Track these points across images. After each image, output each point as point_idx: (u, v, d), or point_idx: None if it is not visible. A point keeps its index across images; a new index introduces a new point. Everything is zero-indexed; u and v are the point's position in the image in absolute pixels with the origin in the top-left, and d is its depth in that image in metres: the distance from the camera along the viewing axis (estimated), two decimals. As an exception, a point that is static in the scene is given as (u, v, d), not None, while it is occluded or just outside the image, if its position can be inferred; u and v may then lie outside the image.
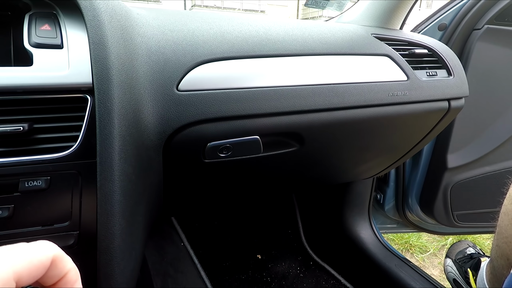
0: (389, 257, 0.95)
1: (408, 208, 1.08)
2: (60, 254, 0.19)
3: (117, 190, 0.36)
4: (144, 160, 0.42)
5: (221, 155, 0.50)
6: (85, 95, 0.37)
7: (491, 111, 0.96)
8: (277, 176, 0.69)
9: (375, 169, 0.86)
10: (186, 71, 0.45)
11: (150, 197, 0.48)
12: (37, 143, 0.35)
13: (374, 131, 0.64)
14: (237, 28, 0.53)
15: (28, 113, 0.35)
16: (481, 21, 0.89)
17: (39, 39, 0.37)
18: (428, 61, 0.67)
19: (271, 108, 0.49)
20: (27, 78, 0.35)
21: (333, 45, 0.58)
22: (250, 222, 1.16)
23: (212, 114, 0.46)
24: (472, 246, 1.02)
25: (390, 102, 0.60)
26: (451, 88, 0.66)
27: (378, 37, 0.65)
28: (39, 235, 0.36)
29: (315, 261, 1.08)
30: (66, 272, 0.20)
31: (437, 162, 0.98)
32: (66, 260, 0.20)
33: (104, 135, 0.36)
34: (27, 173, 0.34)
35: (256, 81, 0.49)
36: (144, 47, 0.44)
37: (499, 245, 0.59)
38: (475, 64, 0.90)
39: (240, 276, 1.00)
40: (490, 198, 1.00)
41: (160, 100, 0.43)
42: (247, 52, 0.50)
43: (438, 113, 0.68)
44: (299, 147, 0.58)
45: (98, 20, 0.38)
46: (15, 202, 0.34)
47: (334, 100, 0.54)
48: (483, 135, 0.97)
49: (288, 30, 0.57)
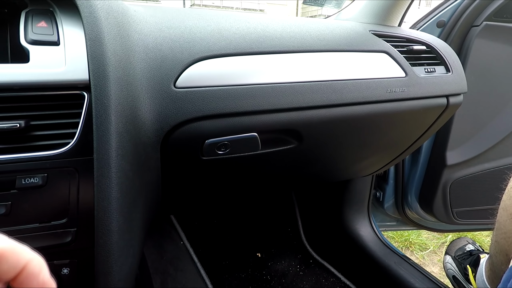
0: (388, 254, 0.95)
1: (408, 206, 1.08)
2: (9, 246, 0.18)
3: (114, 187, 0.36)
4: (142, 157, 0.42)
5: (219, 152, 0.50)
6: (82, 91, 0.37)
7: (490, 108, 0.96)
8: (275, 173, 0.69)
9: (374, 166, 0.86)
10: (183, 68, 0.45)
11: (148, 194, 0.47)
12: (34, 140, 0.35)
13: (372, 128, 0.64)
14: (235, 25, 0.53)
15: (25, 110, 0.35)
16: (480, 18, 0.89)
17: (36, 36, 0.37)
18: (426, 57, 0.67)
19: (269, 105, 0.49)
20: (23, 75, 0.35)
21: (331, 41, 0.58)
22: (250, 220, 1.16)
23: (209, 111, 0.46)
24: (472, 243, 1.02)
25: (388, 99, 0.59)
26: (450, 84, 0.66)
27: (376, 34, 0.65)
28: (37, 232, 0.36)
29: (315, 259, 1.08)
30: (25, 265, 0.18)
31: (436, 159, 0.98)
32: (18, 251, 0.18)
33: (101, 132, 0.36)
34: (24, 170, 0.34)
35: (254, 78, 0.49)
36: (141, 44, 0.44)
37: (498, 241, 0.59)
38: (474, 60, 0.90)
39: (240, 274, 1.00)
40: (489, 195, 1.00)
41: (157, 97, 0.43)
42: (245, 49, 0.50)
43: (437, 109, 0.68)
44: (297, 144, 0.58)
45: (94, 17, 0.38)
46: (12, 199, 0.34)
47: (332, 97, 0.54)
48: (482, 132, 0.97)
49: (286, 27, 0.57)
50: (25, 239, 0.35)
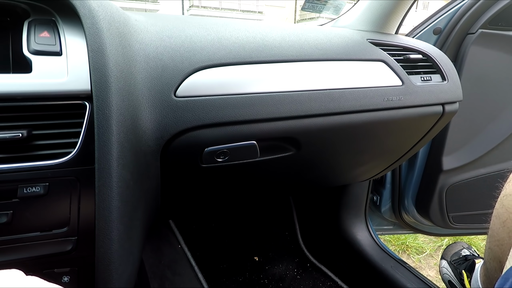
0: (385, 258, 0.96)
1: (404, 210, 1.09)
2: None
3: (115, 196, 0.37)
4: (142, 165, 0.43)
5: (218, 160, 0.51)
6: (84, 102, 0.37)
7: (485, 114, 0.97)
8: (274, 179, 0.69)
9: (372, 172, 0.87)
10: (183, 77, 0.46)
11: (147, 202, 0.48)
12: (36, 150, 0.36)
13: (369, 136, 0.65)
14: (234, 34, 0.53)
15: (27, 120, 0.35)
16: (475, 26, 0.90)
17: (38, 46, 0.37)
18: (422, 66, 0.68)
19: (268, 114, 0.50)
20: (26, 85, 0.35)
21: (329, 50, 0.59)
22: (247, 224, 1.17)
23: (209, 120, 0.46)
24: (467, 248, 1.03)
25: (385, 107, 0.60)
26: (445, 92, 0.67)
27: (374, 43, 0.66)
28: (38, 240, 0.36)
29: (312, 263, 1.08)
30: None
31: (433, 165, 0.99)
32: None
33: (103, 142, 0.36)
34: (26, 180, 0.35)
35: (253, 87, 0.50)
36: (142, 54, 0.44)
37: (491, 247, 0.60)
38: (469, 68, 0.91)
39: (238, 278, 1.01)
40: (484, 200, 1.01)
41: (157, 106, 0.43)
42: (244, 58, 0.50)
43: (433, 117, 0.69)
44: (295, 151, 0.59)
45: (97, 27, 0.38)
46: (13, 208, 0.35)
47: (330, 106, 0.55)
48: (478, 138, 0.98)
49: (285, 35, 0.57)
50: (26, 248, 0.35)
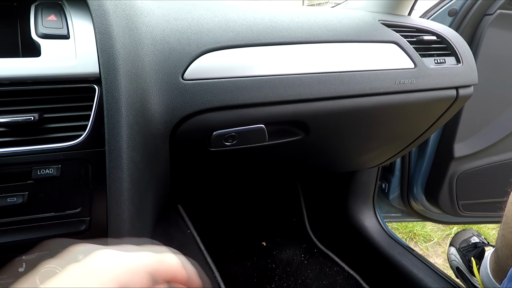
0: (392, 245, 0.96)
1: (413, 197, 1.08)
2: None
3: (125, 177, 0.37)
4: (151, 148, 0.43)
5: (226, 143, 0.51)
6: (93, 84, 0.37)
7: (500, 99, 0.94)
8: (282, 164, 0.69)
9: (381, 158, 0.86)
10: (191, 60, 0.45)
11: (157, 186, 0.49)
12: (48, 133, 0.36)
13: (380, 120, 0.64)
14: (242, 15, 0.52)
15: (38, 103, 0.36)
16: (494, 6, 0.86)
17: (46, 30, 0.37)
18: (436, 48, 0.66)
19: (276, 97, 0.49)
20: (36, 69, 0.35)
21: (339, 32, 0.57)
22: (255, 210, 1.18)
23: (217, 103, 0.46)
24: (477, 235, 1.02)
25: (396, 90, 0.59)
26: (460, 76, 0.65)
27: (386, 24, 0.63)
28: (52, 221, 0.37)
29: (319, 248, 1.09)
30: None
31: (444, 152, 0.97)
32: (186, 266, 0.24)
33: (112, 124, 0.36)
34: (39, 162, 0.35)
35: (261, 69, 0.49)
36: (149, 36, 0.44)
37: (505, 234, 0.59)
38: (486, 50, 0.87)
39: (246, 262, 1.03)
40: (497, 188, 0.99)
41: (165, 89, 0.43)
42: (252, 40, 0.50)
43: (446, 101, 0.67)
44: (304, 135, 0.58)
45: (103, 10, 0.38)
46: (28, 190, 0.35)
47: (340, 89, 0.54)
48: (491, 124, 0.96)
49: (294, 17, 0.56)
50: (42, 227, 0.36)
